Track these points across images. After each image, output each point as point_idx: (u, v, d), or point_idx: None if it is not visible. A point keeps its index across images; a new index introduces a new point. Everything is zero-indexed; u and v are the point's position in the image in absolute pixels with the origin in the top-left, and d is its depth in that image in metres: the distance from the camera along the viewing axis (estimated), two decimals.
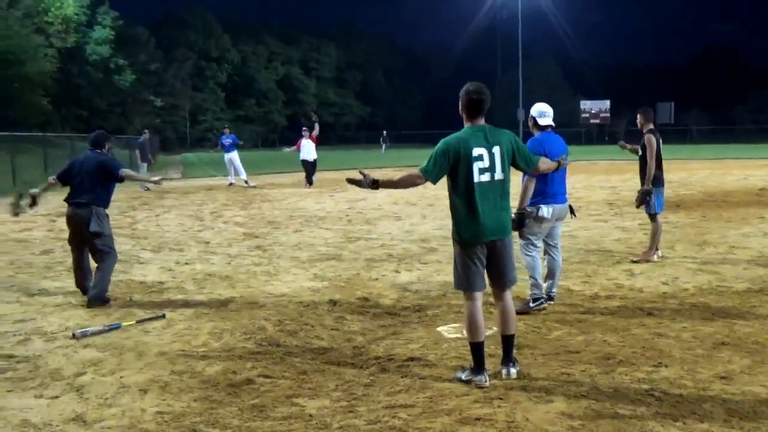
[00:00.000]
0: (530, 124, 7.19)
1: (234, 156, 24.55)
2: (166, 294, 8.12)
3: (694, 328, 6.19)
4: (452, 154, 4.93)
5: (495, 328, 5.65)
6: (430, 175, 4.97)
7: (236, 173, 24.64)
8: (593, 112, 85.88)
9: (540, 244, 7.09)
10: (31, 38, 51.99)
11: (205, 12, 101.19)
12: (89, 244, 7.79)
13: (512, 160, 5.13)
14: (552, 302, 7.09)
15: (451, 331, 6.29)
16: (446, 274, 8.80)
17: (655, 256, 9.38)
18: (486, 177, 4.93)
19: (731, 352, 5.54)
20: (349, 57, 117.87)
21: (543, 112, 7.08)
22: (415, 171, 5.04)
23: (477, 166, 4.90)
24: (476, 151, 4.91)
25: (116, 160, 8.36)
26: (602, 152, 47.85)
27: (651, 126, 9.51)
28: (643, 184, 9.33)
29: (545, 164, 5.77)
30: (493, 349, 5.40)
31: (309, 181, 23.58)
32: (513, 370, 5.08)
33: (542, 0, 77.07)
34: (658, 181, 9.36)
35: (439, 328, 6.40)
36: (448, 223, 5.13)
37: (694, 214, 14.14)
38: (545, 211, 6.88)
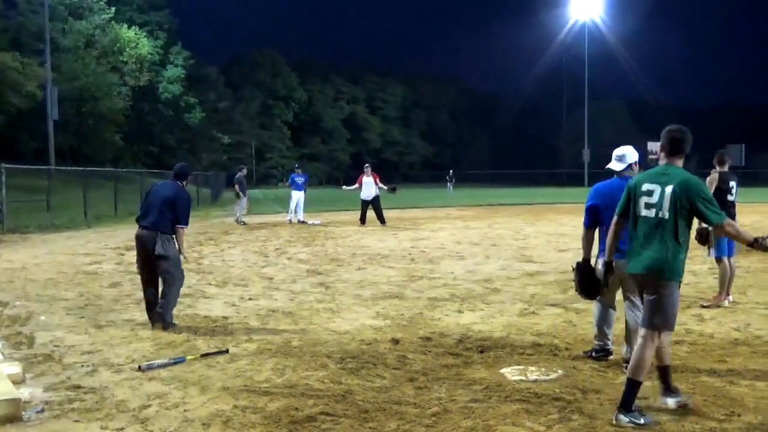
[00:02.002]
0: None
1: (301, 195, 24.99)
2: (230, 329, 8.20)
3: (767, 377, 5.99)
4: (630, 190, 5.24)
5: (560, 371, 5.55)
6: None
7: (296, 210, 25.07)
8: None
9: (637, 303, 6.10)
10: (106, 77, 53.88)
11: (274, 52, 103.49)
12: (157, 266, 8.14)
13: (691, 207, 4.89)
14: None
15: (515, 373, 6.19)
16: (509, 314, 8.71)
17: (726, 302, 9.13)
18: (650, 213, 5.01)
19: None
20: (415, 97, 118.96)
21: (618, 156, 6.45)
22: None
23: (643, 200, 5.05)
24: (646, 186, 5.06)
25: (187, 211, 8.44)
26: None
27: (723, 168, 9.34)
28: None
29: (731, 227, 4.99)
30: (557, 392, 5.30)
31: (362, 220, 23.72)
32: (670, 400, 5.20)
33: (609, 40, 76.85)
34: None
35: (503, 370, 6.30)
36: (512, 263, 5.15)
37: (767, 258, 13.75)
38: (600, 263, 6.11)
